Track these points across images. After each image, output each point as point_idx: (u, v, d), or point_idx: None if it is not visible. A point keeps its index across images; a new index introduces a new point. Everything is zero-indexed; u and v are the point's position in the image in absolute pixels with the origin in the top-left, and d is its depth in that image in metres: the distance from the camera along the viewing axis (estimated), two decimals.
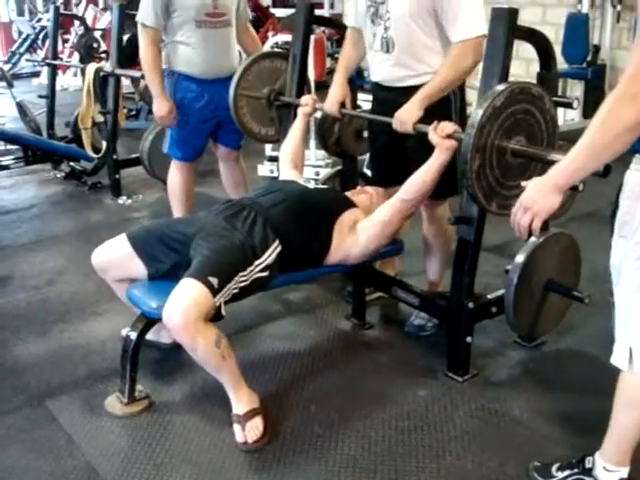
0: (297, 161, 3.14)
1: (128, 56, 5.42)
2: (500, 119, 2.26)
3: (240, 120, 3.52)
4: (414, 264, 3.20)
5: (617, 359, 1.89)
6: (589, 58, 6.79)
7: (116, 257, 2.64)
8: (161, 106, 3.69)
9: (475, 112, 2.24)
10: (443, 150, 2.50)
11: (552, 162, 2.26)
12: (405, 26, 2.66)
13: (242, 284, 2.39)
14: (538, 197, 1.75)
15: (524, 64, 6.11)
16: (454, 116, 2.74)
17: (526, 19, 4.66)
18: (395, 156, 2.93)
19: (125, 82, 6.48)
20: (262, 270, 2.45)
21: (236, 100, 3.46)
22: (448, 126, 2.49)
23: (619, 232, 1.80)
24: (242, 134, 3.86)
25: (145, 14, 3.56)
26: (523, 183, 1.84)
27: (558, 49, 6.41)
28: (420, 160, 2.62)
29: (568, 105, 2.84)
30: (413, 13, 2.63)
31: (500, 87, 2.26)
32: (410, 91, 2.71)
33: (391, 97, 2.84)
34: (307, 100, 3.19)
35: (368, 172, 3.68)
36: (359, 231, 2.66)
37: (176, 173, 3.94)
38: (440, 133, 2.49)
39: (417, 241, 3.16)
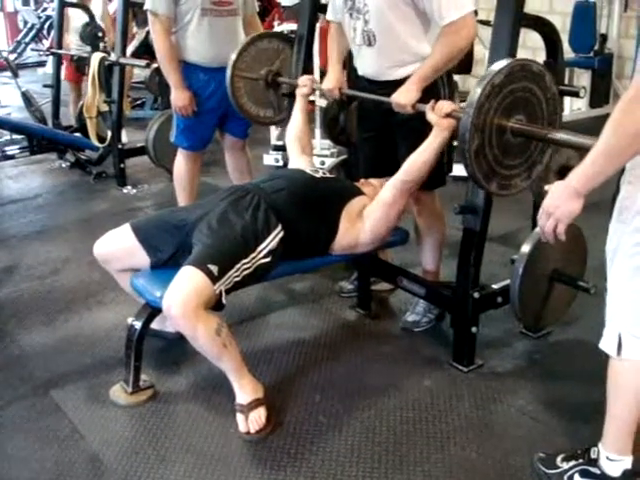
0: (304, 144, 3.11)
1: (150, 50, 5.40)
2: (500, 97, 2.18)
3: (237, 102, 3.47)
4: (416, 255, 3.19)
5: (606, 344, 1.91)
6: (596, 47, 6.76)
7: (119, 248, 2.64)
8: (180, 96, 3.67)
9: (474, 90, 2.17)
10: (441, 129, 2.46)
11: (553, 141, 2.22)
12: (384, 18, 2.61)
13: (245, 272, 2.38)
14: (559, 203, 1.74)
15: (530, 54, 6.07)
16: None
17: (533, 8, 4.60)
18: (384, 143, 2.90)
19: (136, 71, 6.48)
20: (265, 256, 2.44)
21: (233, 81, 3.40)
22: (446, 105, 2.44)
23: (618, 217, 1.81)
24: (249, 123, 3.84)
25: (156, 2, 3.54)
26: (546, 187, 1.82)
27: (565, 38, 6.38)
28: (411, 137, 2.63)
29: (575, 94, 2.82)
30: (391, 4, 2.58)
31: (500, 64, 2.19)
32: (397, 85, 2.66)
33: (378, 89, 2.78)
34: (305, 81, 3.16)
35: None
36: (365, 217, 2.64)
37: (182, 162, 3.93)
38: (438, 112, 2.45)
39: None
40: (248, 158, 4.11)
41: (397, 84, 2.67)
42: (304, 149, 3.09)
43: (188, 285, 2.25)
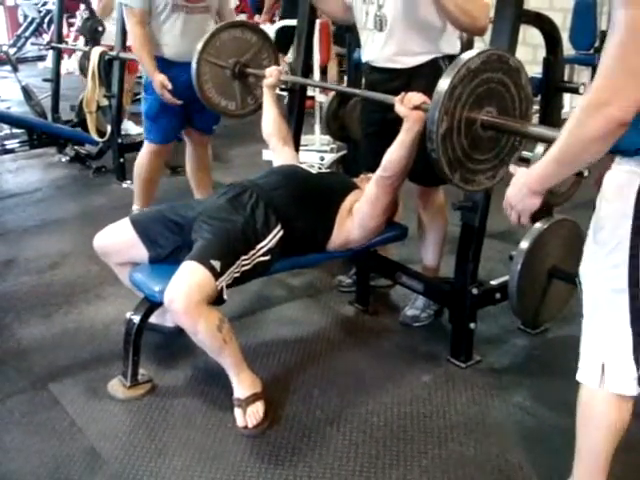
0: (284, 134, 3.10)
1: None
2: (473, 84, 2.10)
3: (201, 87, 3.38)
4: (416, 251, 3.19)
5: (585, 376, 1.74)
6: (597, 44, 6.74)
7: (119, 241, 2.64)
8: (156, 81, 3.67)
9: (447, 72, 2.08)
10: (411, 122, 2.38)
11: (524, 135, 2.18)
12: (400, 4, 2.57)
13: (244, 268, 2.39)
14: (519, 198, 1.73)
15: (530, 50, 6.07)
16: None
17: (534, 5, 4.59)
18: (387, 138, 2.83)
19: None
20: (264, 254, 2.45)
21: (199, 65, 3.32)
22: (415, 97, 2.36)
23: (594, 237, 1.70)
24: (217, 118, 3.88)
25: None
26: (511, 169, 1.81)
27: (566, 35, 6.37)
28: None
29: (575, 91, 2.82)
30: None
31: (477, 50, 2.12)
32: (400, 74, 2.66)
33: (381, 79, 2.76)
34: (272, 72, 3.13)
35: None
36: (354, 213, 2.65)
37: (145, 155, 4.02)
38: (407, 104, 2.37)
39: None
40: (209, 156, 4.14)
41: (398, 73, 2.65)
42: (285, 139, 3.09)
43: (190, 280, 2.25)
